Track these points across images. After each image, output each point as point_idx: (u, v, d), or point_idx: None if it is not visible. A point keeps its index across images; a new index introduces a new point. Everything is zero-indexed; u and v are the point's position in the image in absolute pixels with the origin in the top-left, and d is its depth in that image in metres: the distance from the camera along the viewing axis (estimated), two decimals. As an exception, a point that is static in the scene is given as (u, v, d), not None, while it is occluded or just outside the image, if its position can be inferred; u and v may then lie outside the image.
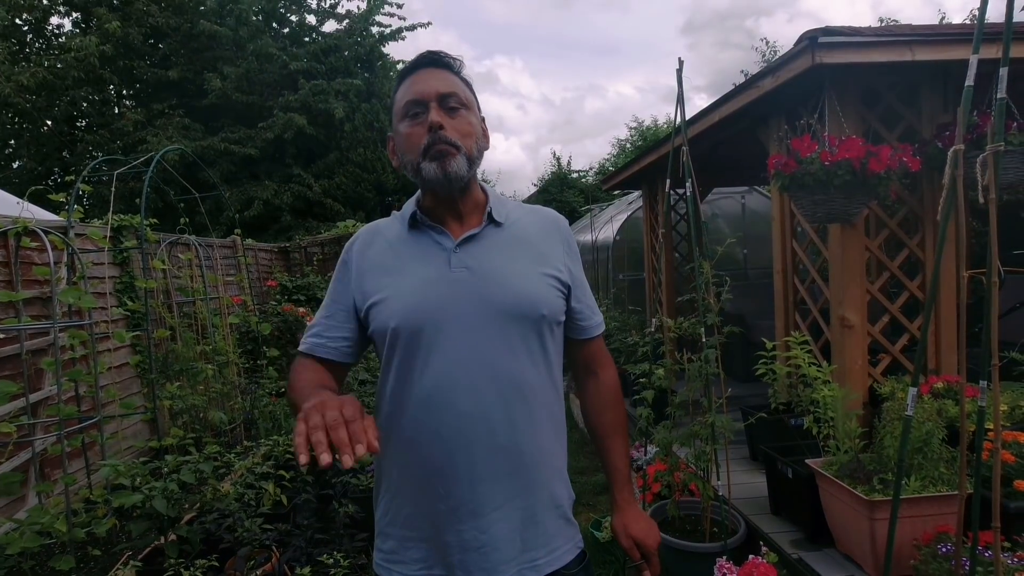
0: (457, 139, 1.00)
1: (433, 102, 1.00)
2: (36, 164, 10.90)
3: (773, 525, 2.68)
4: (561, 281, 1.09)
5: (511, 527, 1.01)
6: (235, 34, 10.76)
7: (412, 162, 1.02)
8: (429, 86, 1.01)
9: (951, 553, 1.84)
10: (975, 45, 1.41)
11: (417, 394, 1.00)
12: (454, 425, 0.98)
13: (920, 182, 2.90)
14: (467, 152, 1.02)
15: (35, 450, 2.95)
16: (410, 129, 1.02)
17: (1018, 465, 2.13)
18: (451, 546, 1.00)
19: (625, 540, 1.15)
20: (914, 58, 2.54)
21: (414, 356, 1.00)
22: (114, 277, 4.15)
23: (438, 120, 0.99)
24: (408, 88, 1.03)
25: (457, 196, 1.05)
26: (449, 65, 1.05)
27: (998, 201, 1.42)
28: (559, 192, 16.98)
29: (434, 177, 1.00)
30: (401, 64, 12.58)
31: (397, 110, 1.05)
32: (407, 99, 1.02)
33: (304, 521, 2.79)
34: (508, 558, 1.00)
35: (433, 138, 0.99)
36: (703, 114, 3.58)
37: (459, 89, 1.04)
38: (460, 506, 0.99)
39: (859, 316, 2.79)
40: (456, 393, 0.98)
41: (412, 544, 1.03)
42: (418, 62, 1.05)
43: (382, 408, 1.07)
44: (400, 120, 1.04)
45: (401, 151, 1.05)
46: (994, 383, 1.41)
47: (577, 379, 1.25)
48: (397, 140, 1.06)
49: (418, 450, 1.01)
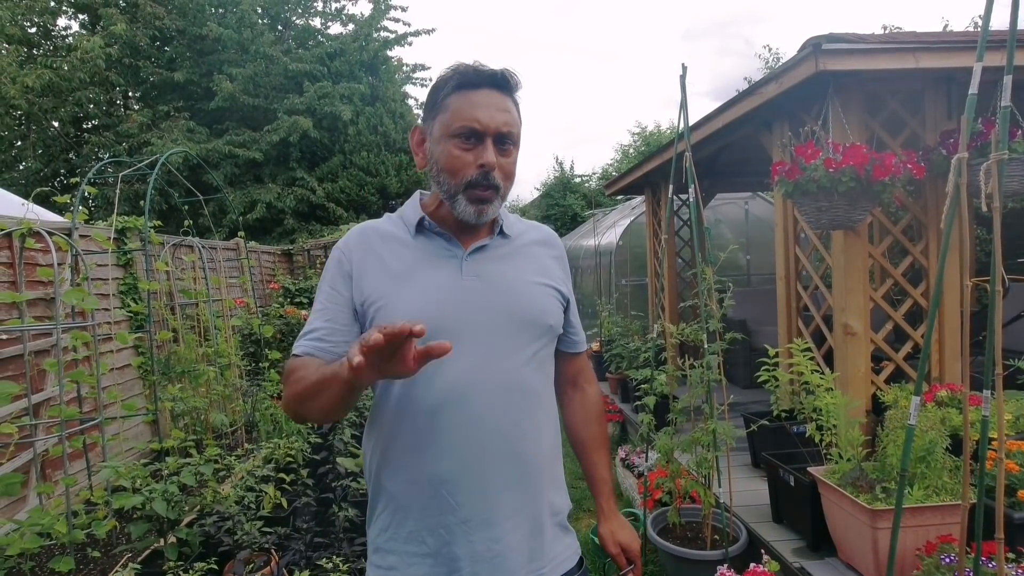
0: (500, 181, 1.00)
1: (491, 137, 0.98)
2: (42, 166, 10.97)
3: (775, 533, 2.66)
4: (562, 294, 1.12)
5: (521, 536, 1.01)
6: (239, 36, 10.82)
7: (450, 186, 1.00)
8: (493, 118, 0.97)
9: (954, 563, 1.82)
10: (979, 53, 1.41)
11: (428, 402, 0.97)
12: (467, 433, 0.97)
13: (924, 189, 2.90)
14: (503, 194, 1.03)
15: (36, 451, 2.95)
16: (459, 152, 0.98)
17: (1022, 475, 2.12)
18: (461, 558, 0.98)
19: (612, 547, 1.20)
20: (918, 65, 2.54)
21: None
22: (117, 278, 4.16)
23: (493, 161, 0.98)
24: (468, 108, 0.97)
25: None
26: (513, 92, 1.02)
27: (1002, 209, 1.41)
28: (561, 196, 16.99)
29: (467, 216, 1.01)
30: (407, 66, 12.76)
31: (447, 123, 0.99)
32: (465, 123, 0.97)
33: (303, 525, 2.78)
34: (518, 567, 1.00)
35: (480, 178, 0.98)
36: (706, 119, 3.58)
37: (516, 126, 1.02)
38: (473, 516, 0.98)
39: (862, 323, 2.78)
40: (470, 401, 0.97)
41: (416, 560, 1.00)
42: (484, 79, 0.99)
43: (382, 417, 1.04)
44: (448, 136, 0.99)
45: (439, 165, 1.01)
46: (998, 392, 1.41)
47: (562, 393, 1.26)
48: (436, 150, 1.02)
49: (426, 460, 0.98)
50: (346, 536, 2.71)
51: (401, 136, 11.62)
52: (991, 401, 1.44)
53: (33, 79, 9.33)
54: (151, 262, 4.00)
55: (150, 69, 11.05)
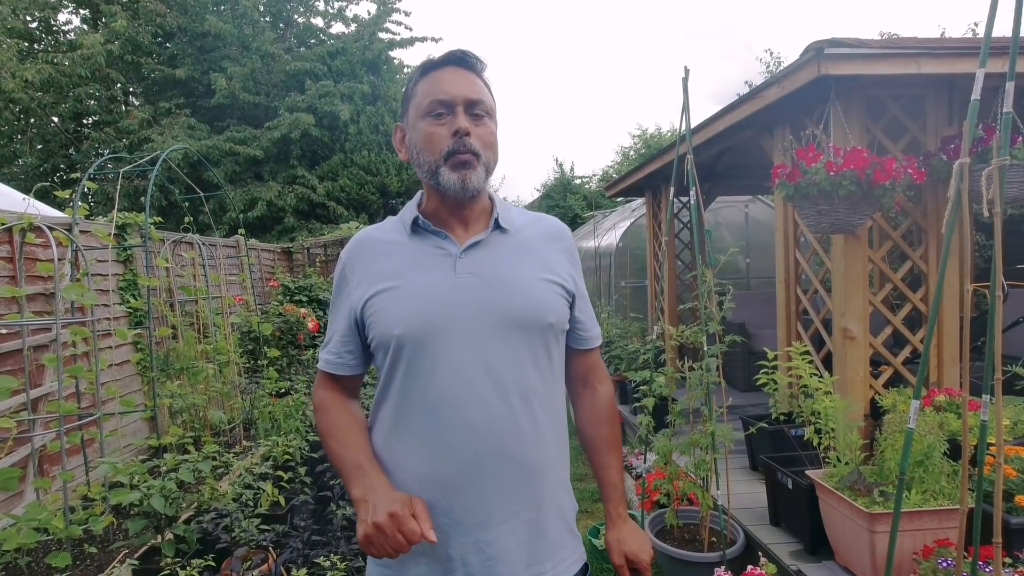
0: (479, 148, 1.00)
1: (460, 106, 0.99)
2: (40, 161, 10.95)
3: (772, 536, 2.67)
4: (566, 289, 1.08)
5: (518, 540, 0.99)
6: (239, 32, 10.82)
7: (430, 163, 1.00)
8: (458, 88, 1.00)
9: (951, 568, 1.83)
10: (982, 59, 1.42)
11: (423, 404, 0.97)
12: (462, 435, 0.96)
13: (924, 194, 2.90)
14: (486, 162, 1.02)
15: (34, 446, 2.95)
16: (432, 128, 1.00)
17: (1020, 480, 2.12)
18: (454, 560, 0.98)
19: (617, 557, 1.13)
20: (920, 71, 2.54)
21: (419, 364, 0.98)
22: (117, 275, 4.15)
23: (465, 126, 0.98)
24: (434, 85, 1.00)
25: (466, 202, 1.04)
26: (476, 68, 1.04)
27: (1002, 215, 1.42)
28: (562, 198, 16.98)
29: (452, 186, 0.99)
30: (408, 68, 12.76)
31: (418, 104, 1.02)
32: (433, 97, 1.00)
33: (302, 522, 2.78)
34: (514, 572, 0.99)
35: (457, 144, 0.98)
36: (708, 122, 3.59)
37: (485, 96, 1.03)
38: (465, 519, 0.97)
39: (861, 327, 2.79)
40: (464, 403, 0.96)
41: (411, 559, 0.99)
42: (446, 59, 1.03)
43: (382, 417, 1.04)
44: (421, 116, 1.01)
45: (417, 148, 1.03)
46: (997, 397, 1.41)
47: (573, 391, 1.23)
48: (413, 135, 1.04)
49: (422, 461, 0.98)
50: (344, 535, 2.71)
51: (401, 136, 11.63)
52: (990, 406, 1.44)
53: (33, 74, 9.31)
54: (151, 258, 4.00)
55: (151, 65, 11.04)
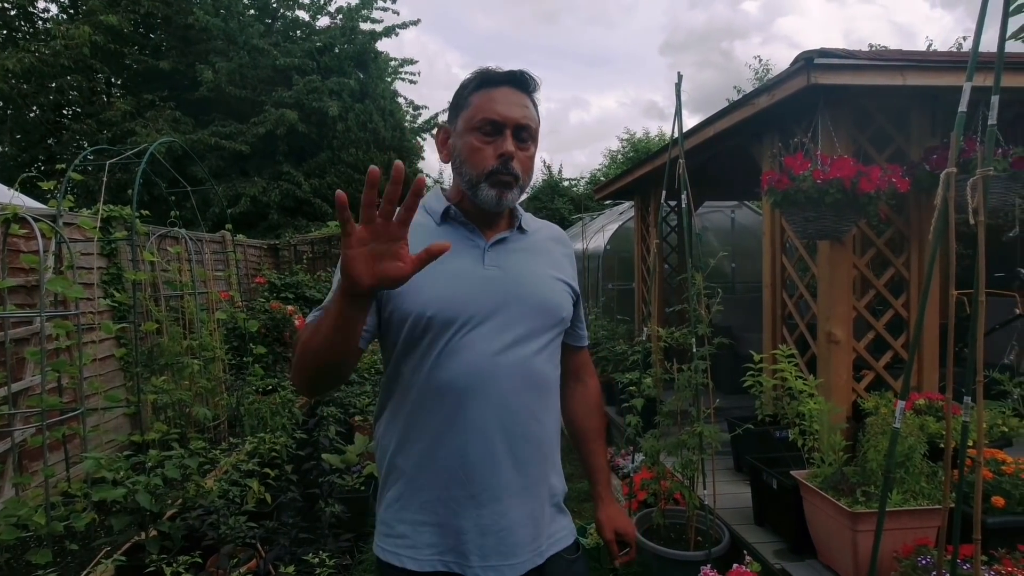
0: (520, 172, 1.07)
1: (510, 129, 1.05)
2: (19, 151, 10.70)
3: (757, 535, 2.71)
4: (573, 290, 1.19)
5: (525, 513, 1.06)
6: (226, 26, 10.68)
7: (471, 176, 1.06)
8: (511, 111, 1.05)
9: (931, 565, 1.88)
10: (969, 73, 1.46)
11: (445, 382, 1.02)
12: (484, 414, 1.02)
13: (907, 203, 2.98)
14: (522, 184, 1.09)
15: (14, 441, 2.90)
16: (480, 145, 1.05)
17: (995, 482, 2.19)
18: (467, 531, 1.02)
19: (609, 532, 1.27)
20: (905, 83, 2.62)
21: (444, 344, 1.02)
22: (101, 268, 4.09)
23: (511, 151, 1.04)
24: (488, 103, 1.05)
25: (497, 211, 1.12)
26: (531, 91, 1.10)
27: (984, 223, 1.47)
28: (549, 200, 17.02)
29: (489, 201, 1.06)
30: (395, 61, 12.69)
31: (469, 117, 1.07)
32: (485, 116, 1.05)
33: (289, 520, 2.76)
34: (523, 542, 1.05)
35: (501, 166, 1.04)
36: (698, 128, 3.64)
37: (533, 121, 1.08)
38: (482, 492, 1.03)
39: (845, 332, 2.85)
40: (488, 383, 1.02)
41: (425, 529, 1.04)
42: (505, 78, 1.07)
43: (397, 392, 1.07)
44: (470, 129, 1.07)
45: (461, 158, 1.08)
46: (978, 399, 1.46)
47: (565, 384, 1.29)
48: (458, 143, 1.09)
49: (442, 437, 1.03)
50: (332, 532, 2.70)
51: (391, 134, 11.55)
52: (971, 408, 1.49)
53: (14, 62, 9.10)
54: (138, 252, 3.94)
55: (135, 56, 10.84)
